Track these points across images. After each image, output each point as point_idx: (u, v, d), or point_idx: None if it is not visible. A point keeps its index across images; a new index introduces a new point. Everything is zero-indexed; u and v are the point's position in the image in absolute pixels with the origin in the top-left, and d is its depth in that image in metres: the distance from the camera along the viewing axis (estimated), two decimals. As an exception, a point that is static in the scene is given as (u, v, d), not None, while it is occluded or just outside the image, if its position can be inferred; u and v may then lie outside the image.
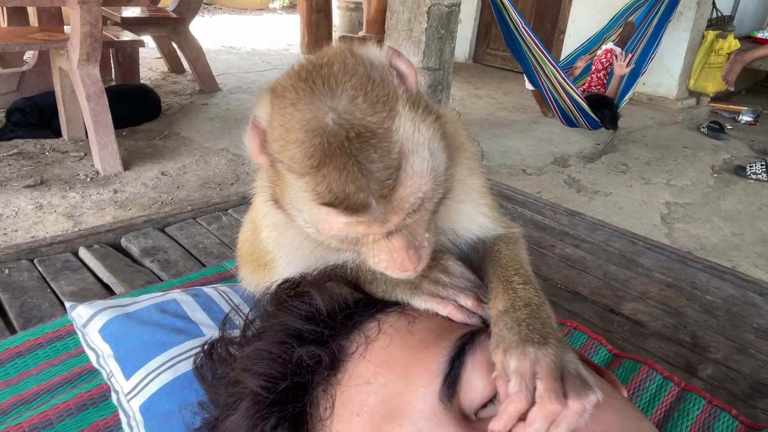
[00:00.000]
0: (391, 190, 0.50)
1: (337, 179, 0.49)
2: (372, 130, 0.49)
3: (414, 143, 0.51)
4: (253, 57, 6.72)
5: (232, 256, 1.35)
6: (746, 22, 6.22)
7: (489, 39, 7.01)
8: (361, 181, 0.49)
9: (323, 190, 0.49)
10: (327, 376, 0.59)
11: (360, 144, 0.48)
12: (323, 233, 0.55)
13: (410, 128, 0.51)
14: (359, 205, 0.49)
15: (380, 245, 0.55)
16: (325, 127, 0.49)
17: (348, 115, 0.49)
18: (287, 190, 0.54)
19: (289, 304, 0.65)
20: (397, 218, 0.52)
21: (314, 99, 0.50)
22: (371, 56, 0.54)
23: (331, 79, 0.50)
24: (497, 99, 5.71)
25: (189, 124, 4.32)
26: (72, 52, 3.24)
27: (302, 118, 0.49)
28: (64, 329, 1.00)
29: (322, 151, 0.48)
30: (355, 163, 0.48)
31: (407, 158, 0.50)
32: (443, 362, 0.56)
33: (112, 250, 1.39)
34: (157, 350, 0.82)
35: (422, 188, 0.52)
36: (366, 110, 0.49)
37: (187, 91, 5.12)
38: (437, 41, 3.05)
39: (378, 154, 0.49)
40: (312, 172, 0.49)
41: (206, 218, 1.58)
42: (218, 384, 0.67)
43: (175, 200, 3.17)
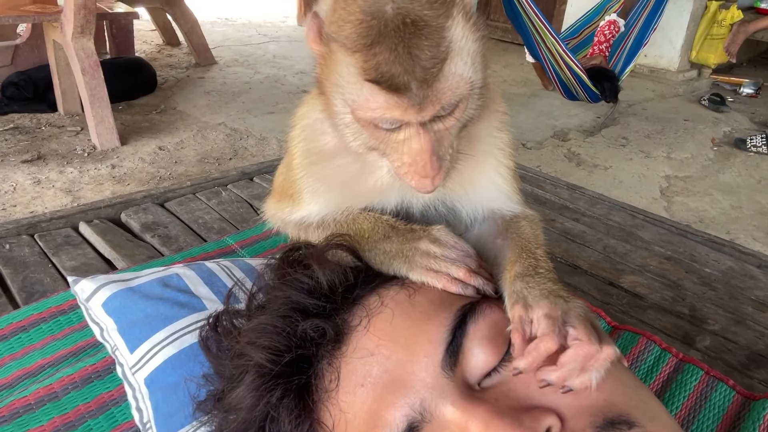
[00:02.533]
0: (432, 78, 0.53)
1: (385, 58, 0.52)
2: (426, 22, 0.52)
3: (460, 46, 0.55)
4: (248, 29, 6.62)
5: (233, 231, 1.35)
6: (750, -8, 6.12)
7: (489, 10, 6.90)
8: (407, 64, 0.52)
9: (371, 67, 0.53)
10: (331, 349, 0.60)
11: (414, 30, 0.52)
12: (360, 116, 0.57)
13: (460, 33, 0.55)
14: (401, 86, 0.53)
15: (408, 144, 0.58)
16: (383, 12, 0.52)
17: (407, 3, 0.52)
18: (336, 68, 0.57)
19: (291, 278, 0.66)
20: (433, 108, 0.55)
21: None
22: None
23: None
24: (497, 72, 5.65)
25: (185, 98, 4.28)
26: (66, 25, 3.19)
27: (363, 2, 0.53)
28: (67, 303, 1.01)
29: (377, 31, 0.52)
30: (405, 47, 0.52)
31: (452, 56, 0.54)
32: (445, 332, 0.57)
33: (113, 225, 1.39)
34: (161, 324, 0.82)
35: (460, 88, 0.55)
36: (425, 4, 0.53)
37: (182, 65, 5.05)
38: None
39: (428, 44, 0.52)
40: (363, 50, 0.53)
41: (206, 193, 1.57)
42: (223, 356, 0.68)
43: (174, 175, 3.16)
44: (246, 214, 1.48)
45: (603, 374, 0.53)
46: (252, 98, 4.40)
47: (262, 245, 1.25)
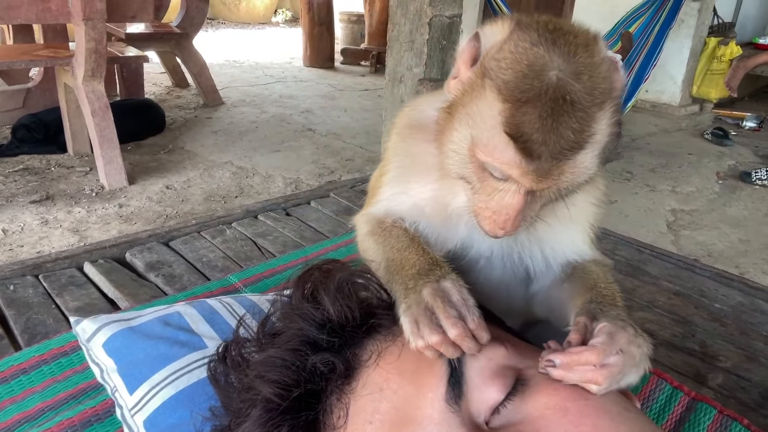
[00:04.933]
0: (564, 160, 0.54)
1: (533, 121, 0.53)
2: (583, 106, 0.53)
3: (598, 139, 0.55)
4: (256, 70, 6.76)
5: (236, 270, 1.35)
6: (748, 28, 6.22)
7: (491, 49, 7.03)
8: (549, 137, 0.53)
9: (515, 122, 0.53)
10: (341, 385, 0.59)
11: (568, 109, 0.52)
12: (477, 154, 0.57)
13: (603, 126, 0.55)
14: (534, 153, 0.53)
15: (502, 196, 0.58)
16: (548, 76, 0.53)
17: (574, 81, 0.53)
18: (478, 102, 0.57)
19: (303, 311, 0.65)
20: (548, 184, 0.56)
21: (554, 52, 0.54)
22: (607, 53, 0.58)
23: (572, 47, 0.54)
24: (500, 108, 5.72)
25: (193, 138, 4.35)
26: (77, 68, 3.27)
27: (536, 59, 0.53)
28: (68, 345, 1.00)
29: (536, 93, 0.52)
30: (555, 122, 0.52)
31: (589, 147, 0.55)
32: (446, 364, 0.56)
33: (117, 265, 1.39)
34: (161, 364, 0.81)
35: (580, 176, 0.56)
36: (588, 88, 0.53)
37: (191, 105, 5.15)
38: (439, 52, 3.06)
39: (575, 127, 0.53)
40: (515, 104, 0.53)
41: (210, 232, 1.58)
42: (231, 389, 0.67)
43: (180, 214, 3.18)
44: (250, 252, 1.49)
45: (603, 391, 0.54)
46: (258, 137, 4.47)
47: (266, 283, 1.24)
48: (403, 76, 3.17)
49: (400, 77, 3.19)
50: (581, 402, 0.54)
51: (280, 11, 10.94)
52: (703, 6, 5.28)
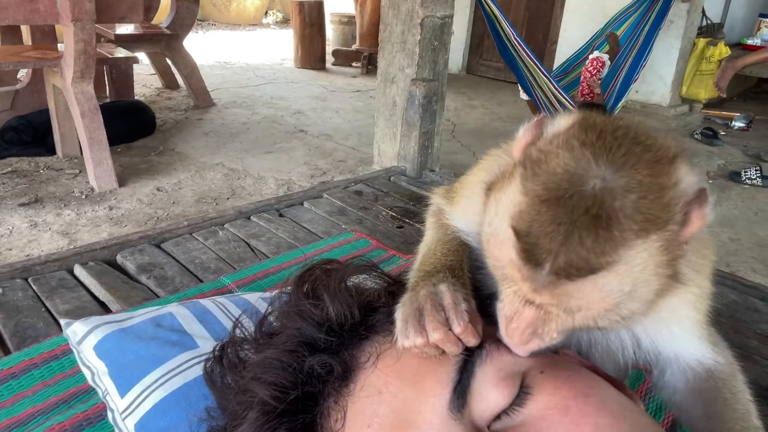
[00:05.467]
0: (567, 279, 0.45)
1: (545, 223, 0.45)
2: (614, 226, 0.44)
3: (626, 274, 0.45)
4: (247, 72, 6.74)
5: (229, 271, 1.33)
6: (736, 29, 6.28)
7: (482, 50, 7.05)
8: (557, 246, 0.44)
9: (527, 219, 0.46)
10: (338, 387, 0.59)
11: (593, 224, 0.44)
12: (488, 242, 0.52)
13: (639, 263, 0.45)
14: (533, 258, 0.45)
15: (512, 300, 0.51)
16: (584, 185, 0.44)
17: (613, 196, 0.44)
18: (504, 188, 0.50)
19: (301, 308, 0.64)
20: (546, 300, 0.47)
21: (601, 161, 0.45)
22: (684, 177, 0.48)
23: (631, 159, 0.45)
24: (491, 109, 5.73)
25: (184, 140, 4.32)
26: (66, 70, 3.24)
27: (576, 162, 0.46)
28: (59, 348, 0.98)
29: (562, 195, 0.45)
30: (570, 231, 0.44)
31: (609, 275, 0.45)
32: (453, 371, 0.56)
33: (108, 267, 1.37)
34: (152, 365, 0.80)
35: (591, 307, 0.47)
36: (630, 209, 0.44)
37: (181, 107, 5.12)
38: (431, 53, 3.06)
39: (594, 246, 0.44)
40: (535, 200, 0.46)
41: (202, 233, 1.56)
42: (227, 391, 0.66)
43: (171, 216, 3.16)
44: (243, 254, 1.47)
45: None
46: (250, 138, 4.45)
47: (259, 284, 1.23)
48: (395, 77, 3.17)
49: (392, 78, 3.19)
50: (582, 400, 0.53)
51: (270, 12, 10.91)
52: (692, 7, 5.33)
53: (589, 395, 0.54)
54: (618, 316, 0.49)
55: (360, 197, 1.92)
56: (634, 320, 0.51)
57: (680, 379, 0.65)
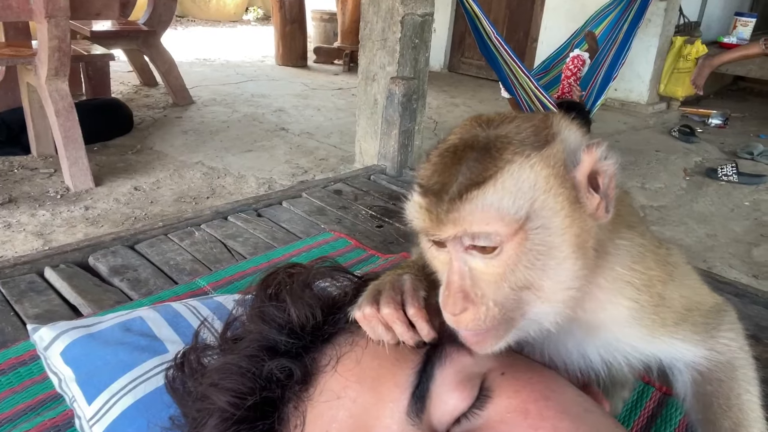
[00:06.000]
0: (461, 200, 0.49)
1: (437, 168, 0.52)
2: (488, 149, 0.50)
3: (513, 188, 0.49)
4: (227, 69, 6.67)
5: (205, 273, 1.31)
6: (713, 27, 6.37)
7: (463, 48, 7.07)
8: (448, 177, 0.51)
9: (424, 173, 0.53)
10: (298, 391, 0.58)
11: (473, 154, 0.51)
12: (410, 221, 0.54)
13: (524, 178, 0.49)
14: (431, 194, 0.51)
15: (441, 265, 0.54)
16: (471, 137, 0.52)
17: (491, 137, 0.52)
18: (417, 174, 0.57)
19: (264, 311, 0.63)
20: (452, 229, 0.49)
21: (485, 126, 0.53)
22: (564, 131, 0.53)
23: (508, 122, 0.53)
24: (473, 107, 5.75)
25: (162, 138, 4.26)
26: (40, 67, 3.17)
27: (466, 130, 0.54)
28: (27, 354, 0.96)
29: (448, 147, 0.53)
30: (458, 165, 0.51)
31: (496, 188, 0.49)
32: (411, 375, 0.55)
33: (80, 270, 1.34)
34: (120, 371, 0.79)
35: (491, 223, 0.49)
36: (501, 137, 0.51)
37: (160, 105, 5.05)
38: (411, 50, 3.05)
39: (475, 165, 0.50)
40: (431, 160, 0.53)
41: (178, 234, 1.54)
42: (188, 398, 0.65)
43: (149, 216, 3.11)
44: (219, 255, 1.45)
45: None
46: (230, 137, 4.40)
47: (236, 286, 1.22)
48: (376, 74, 3.16)
49: (373, 76, 3.17)
50: (542, 403, 0.53)
51: (251, 9, 10.81)
52: (670, 5, 5.40)
53: (550, 398, 0.54)
54: (536, 252, 0.50)
55: (339, 196, 1.90)
56: (563, 270, 0.51)
57: (682, 384, 0.65)
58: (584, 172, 0.52)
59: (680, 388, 0.65)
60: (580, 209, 0.51)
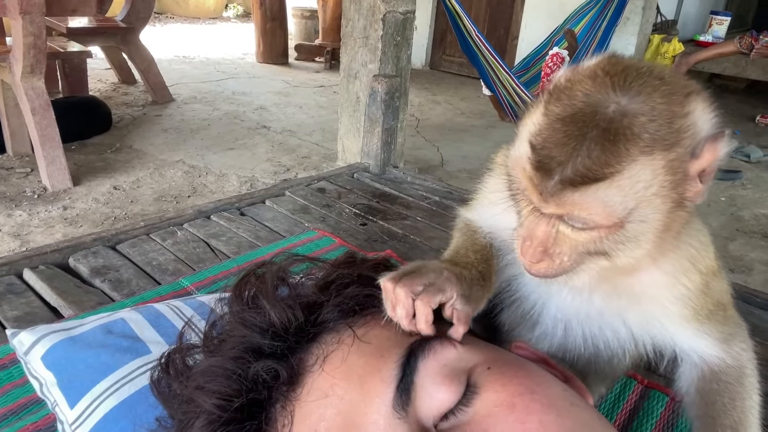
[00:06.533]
0: (573, 187, 0.48)
1: (558, 137, 0.49)
2: (620, 141, 0.47)
3: (634, 185, 0.48)
4: (207, 66, 6.60)
5: (188, 273, 1.30)
6: (689, 25, 6.48)
7: (445, 46, 7.09)
8: (566, 156, 0.48)
9: (543, 135, 0.50)
10: (285, 392, 0.57)
11: (601, 137, 0.47)
12: (511, 165, 0.55)
13: (647, 177, 0.48)
14: (543, 167, 0.49)
15: (530, 220, 0.54)
16: (600, 106, 0.48)
17: (621, 116, 0.48)
18: (526, 119, 0.54)
19: (244, 316, 0.63)
20: (554, 209, 0.51)
21: (619, 88, 0.49)
22: (698, 111, 0.51)
23: (647, 89, 0.49)
24: (455, 105, 5.77)
25: (142, 136, 4.20)
26: (15, 65, 3.11)
27: (595, 88, 0.50)
28: (7, 357, 0.94)
29: (577, 113, 0.49)
30: (579, 144, 0.48)
31: (611, 185, 0.48)
32: (395, 368, 0.55)
33: (60, 271, 1.32)
34: (102, 374, 0.78)
35: (597, 216, 0.49)
36: (637, 127, 0.47)
37: (139, 103, 4.98)
38: (393, 48, 3.05)
39: (600, 157, 0.47)
40: (552, 119, 0.50)
41: (160, 234, 1.52)
42: (173, 400, 0.65)
43: (129, 215, 3.07)
44: (203, 254, 1.44)
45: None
46: (211, 135, 4.36)
47: (220, 286, 1.21)
48: (358, 72, 3.15)
49: (355, 73, 3.17)
50: (528, 397, 0.54)
51: (231, 6, 10.71)
52: (647, 4, 5.47)
53: (535, 392, 0.54)
54: (624, 237, 0.52)
55: (323, 195, 1.90)
56: (640, 249, 0.54)
57: (688, 377, 0.67)
58: (700, 168, 0.51)
59: (684, 381, 0.67)
60: (680, 198, 0.52)
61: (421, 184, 2.05)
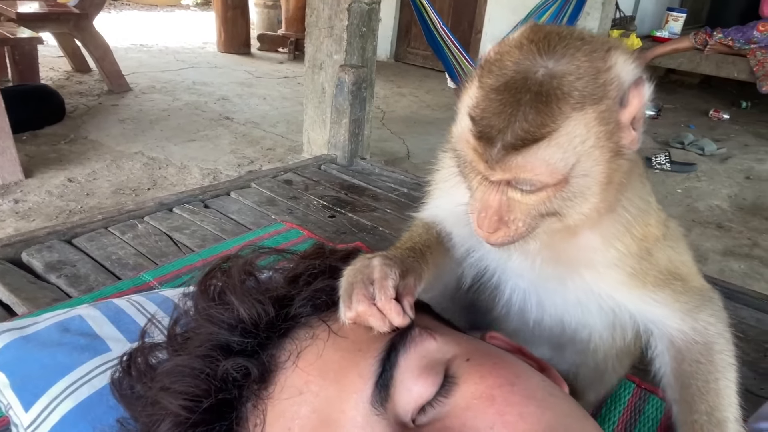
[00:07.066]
0: (515, 151, 0.51)
1: (495, 106, 0.52)
2: (551, 100, 0.50)
3: (570, 141, 0.51)
4: (166, 55, 6.41)
5: (150, 267, 1.25)
6: (646, 21, 6.65)
7: (409, 38, 7.07)
8: (505, 123, 0.51)
9: (480, 106, 0.53)
10: (257, 390, 0.55)
11: (533, 99, 0.50)
12: (456, 144, 0.57)
13: (581, 131, 0.51)
14: (485, 137, 0.52)
15: (481, 191, 0.56)
16: (529, 72, 0.51)
17: (549, 78, 0.51)
18: (463, 95, 0.57)
19: (210, 312, 0.60)
20: (502, 175, 0.53)
21: (544, 53, 0.52)
22: (620, 64, 0.54)
23: (569, 50, 0.52)
24: (420, 97, 5.77)
25: (98, 127, 4.05)
26: (-42, 50, 2.94)
27: (523, 56, 0.52)
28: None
29: (508, 81, 0.52)
30: (515, 110, 0.50)
31: (551, 143, 0.51)
32: (374, 364, 0.53)
33: (12, 267, 1.25)
34: (59, 374, 0.73)
35: (540, 175, 0.52)
36: (561, 86, 0.50)
37: (94, 92, 4.80)
38: (359, 39, 3.02)
39: (535, 118, 0.50)
40: (486, 91, 0.53)
41: (120, 227, 1.46)
42: (137, 402, 0.61)
43: (85, 209, 2.96)
44: (165, 248, 1.39)
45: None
46: (171, 126, 4.24)
47: (184, 280, 1.17)
48: (323, 63, 3.11)
49: (321, 64, 3.12)
50: (507, 389, 0.53)
51: (190, -6, 10.43)
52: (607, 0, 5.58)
53: (515, 383, 0.54)
54: (571, 193, 0.54)
55: (290, 186, 1.86)
56: (588, 203, 0.56)
57: (662, 360, 0.68)
58: (630, 114, 0.54)
59: (659, 363, 0.68)
60: (617, 147, 0.54)
61: (390, 176, 2.03)
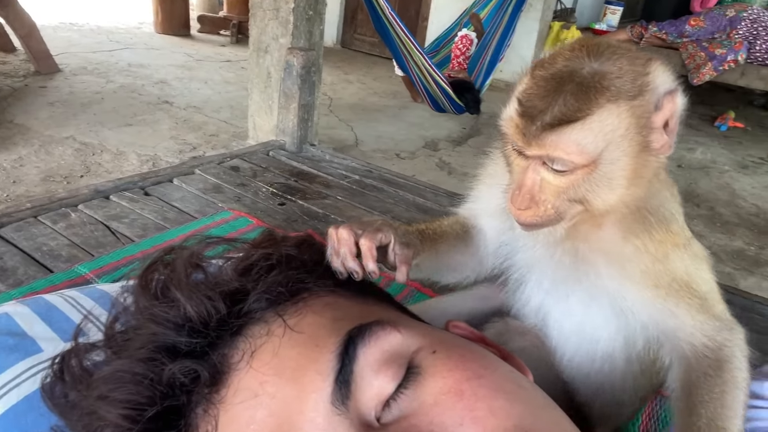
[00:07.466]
0: (554, 128, 0.58)
1: (539, 91, 0.60)
2: (590, 90, 0.58)
3: (601, 128, 0.58)
4: (98, 35, 6.07)
5: (86, 258, 1.17)
6: (586, 14, 6.84)
7: (356, 24, 6.99)
8: (546, 105, 0.59)
9: (526, 91, 0.62)
10: (207, 394, 0.50)
11: (574, 90, 0.58)
12: (502, 125, 0.65)
13: (610, 123, 0.58)
14: (527, 115, 0.60)
15: (518, 171, 0.64)
16: (578, 68, 0.60)
17: (593, 74, 0.59)
18: (520, 81, 0.65)
19: (154, 311, 0.54)
20: (537, 151, 0.60)
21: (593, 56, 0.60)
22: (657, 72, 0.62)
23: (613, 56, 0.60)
24: (367, 84, 5.72)
25: (24, 110, 3.79)
26: None
27: (573, 56, 0.61)
28: None
29: (554, 74, 0.60)
30: (557, 96, 0.59)
31: (584, 127, 0.58)
32: (332, 359, 0.49)
33: (-74, 260, 1.14)
34: (-19, 380, 0.66)
35: (572, 155, 0.59)
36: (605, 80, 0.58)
37: (19, 73, 4.48)
38: (306, 22, 2.94)
39: (573, 103, 0.58)
40: (536, 79, 0.61)
41: (51, 216, 1.36)
42: (72, 412, 0.54)
43: (12, 197, 2.76)
44: (102, 238, 1.30)
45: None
46: (105, 109, 4.01)
47: (123, 272, 1.09)
48: (268, 46, 3.01)
49: (266, 48, 3.02)
50: (476, 382, 0.50)
51: (124, -29, 9.90)
52: (549, -9, 5.69)
53: (483, 376, 0.51)
54: (598, 179, 0.61)
55: (237, 173, 1.79)
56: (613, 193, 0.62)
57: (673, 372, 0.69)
58: (663, 118, 0.61)
59: (670, 375, 0.70)
60: (648, 147, 0.61)
61: (341, 163, 1.99)
